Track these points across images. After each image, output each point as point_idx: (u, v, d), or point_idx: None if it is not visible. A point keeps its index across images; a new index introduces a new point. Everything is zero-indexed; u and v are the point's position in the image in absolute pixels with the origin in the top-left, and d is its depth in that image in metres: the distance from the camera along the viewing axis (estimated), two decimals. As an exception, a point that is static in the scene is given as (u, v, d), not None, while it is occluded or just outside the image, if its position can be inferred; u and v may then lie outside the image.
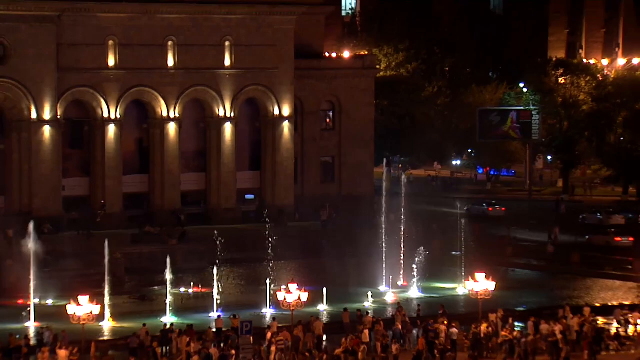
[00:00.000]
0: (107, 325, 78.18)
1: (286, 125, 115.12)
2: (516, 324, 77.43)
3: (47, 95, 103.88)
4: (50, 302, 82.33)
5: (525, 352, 72.30)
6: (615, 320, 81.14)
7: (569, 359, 71.52)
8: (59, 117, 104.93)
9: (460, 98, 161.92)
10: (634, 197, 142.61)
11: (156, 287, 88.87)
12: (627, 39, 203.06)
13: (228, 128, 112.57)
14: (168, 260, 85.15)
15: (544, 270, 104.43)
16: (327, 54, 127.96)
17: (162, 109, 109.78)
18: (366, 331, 73.98)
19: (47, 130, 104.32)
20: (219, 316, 78.84)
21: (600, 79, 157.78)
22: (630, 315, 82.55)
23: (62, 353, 67.41)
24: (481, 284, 79.76)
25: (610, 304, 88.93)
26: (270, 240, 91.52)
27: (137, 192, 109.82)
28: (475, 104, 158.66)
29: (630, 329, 79.05)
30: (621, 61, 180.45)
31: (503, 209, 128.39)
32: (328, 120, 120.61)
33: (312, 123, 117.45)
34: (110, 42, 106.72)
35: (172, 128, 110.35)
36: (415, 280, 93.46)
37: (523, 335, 74.69)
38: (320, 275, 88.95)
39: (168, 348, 72.08)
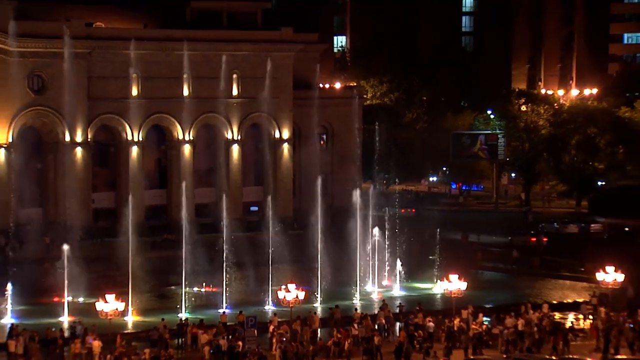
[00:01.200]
0: (131, 319, 78.54)
1: (286, 146, 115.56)
2: (484, 318, 77.79)
3: (79, 121, 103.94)
4: (81, 299, 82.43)
5: (507, 342, 72.75)
6: (581, 314, 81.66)
7: (531, 348, 71.86)
8: (89, 140, 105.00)
9: (436, 123, 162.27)
10: (585, 209, 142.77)
11: (173, 287, 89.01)
12: (579, 73, 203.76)
13: (235, 149, 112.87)
14: (183, 263, 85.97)
15: (509, 272, 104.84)
16: (320, 85, 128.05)
17: (179, 133, 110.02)
18: (355, 325, 74.50)
19: (78, 151, 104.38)
20: (224, 312, 79.24)
21: (557, 107, 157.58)
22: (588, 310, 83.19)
23: (96, 344, 67.52)
24: (454, 284, 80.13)
25: (565, 301, 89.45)
26: (272, 246, 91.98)
27: (156, 204, 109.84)
28: (449, 129, 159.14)
29: (582, 323, 79.67)
30: (575, 92, 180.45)
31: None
32: (322, 142, 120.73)
33: (308, 145, 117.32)
34: (134, 75, 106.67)
35: (187, 149, 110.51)
36: (397, 280, 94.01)
37: (495, 328, 75.26)
38: (315, 276, 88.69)
39: (183, 340, 72.57)
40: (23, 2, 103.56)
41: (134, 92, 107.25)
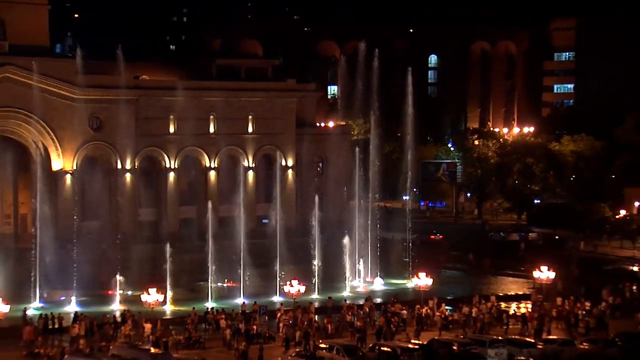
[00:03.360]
0: (168, 308, 78.86)
1: (290, 172, 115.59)
2: (447, 307, 78.16)
3: (128, 153, 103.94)
4: (129, 292, 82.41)
5: (482, 324, 72.91)
6: (531, 302, 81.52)
7: (483, 329, 72.05)
8: (136, 167, 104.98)
9: (409, 154, 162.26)
10: (524, 221, 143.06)
11: (201, 282, 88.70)
12: (519, 115, 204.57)
13: (250, 174, 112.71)
14: (209, 264, 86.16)
15: (465, 271, 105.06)
16: (317, 124, 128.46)
17: (206, 162, 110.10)
18: (349, 313, 74.63)
19: (128, 176, 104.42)
20: (243, 302, 79.45)
21: (502, 141, 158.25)
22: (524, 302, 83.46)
23: (148, 326, 67.79)
24: (423, 280, 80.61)
25: (509, 294, 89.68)
26: (279, 250, 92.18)
27: (188, 217, 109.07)
28: (419, 158, 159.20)
29: (521, 310, 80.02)
30: (516, 129, 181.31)
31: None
32: (318, 168, 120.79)
33: (308, 171, 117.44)
34: (171, 117, 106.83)
35: (212, 174, 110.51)
36: (378, 276, 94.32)
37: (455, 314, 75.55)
38: (313, 273, 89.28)
39: (209, 324, 72.65)
40: (86, 60, 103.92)
41: (171, 129, 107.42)
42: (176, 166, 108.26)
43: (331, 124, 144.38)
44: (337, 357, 60.15)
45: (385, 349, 62.15)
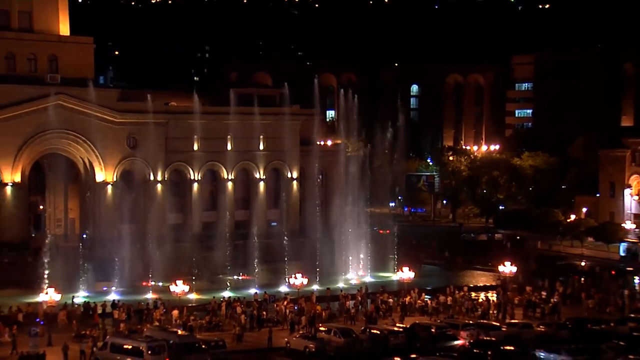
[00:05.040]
0: (193, 297, 78.55)
1: (295, 183, 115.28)
2: (426, 296, 78.23)
3: (159, 167, 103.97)
4: (160, 283, 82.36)
5: (467, 309, 72.73)
6: (497, 291, 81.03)
7: (453, 316, 71.98)
8: (165, 179, 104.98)
9: (395, 168, 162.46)
10: (491, 224, 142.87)
11: (220, 275, 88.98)
12: (487, 135, 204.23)
13: (261, 185, 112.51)
14: (227, 260, 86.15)
15: (441, 266, 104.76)
16: (318, 142, 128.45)
17: (224, 174, 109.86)
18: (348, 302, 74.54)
19: (159, 186, 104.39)
20: (256, 292, 79.50)
21: (472, 157, 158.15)
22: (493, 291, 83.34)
23: (175, 312, 67.83)
24: (406, 274, 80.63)
25: (478, 285, 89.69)
26: (285, 248, 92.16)
27: (209, 221, 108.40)
28: (403, 172, 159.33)
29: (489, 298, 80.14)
30: (484, 147, 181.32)
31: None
32: (318, 180, 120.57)
33: (310, 182, 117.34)
34: (195, 136, 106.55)
35: (229, 185, 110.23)
36: (369, 271, 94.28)
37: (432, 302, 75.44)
38: (314, 267, 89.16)
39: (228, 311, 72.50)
40: (124, 89, 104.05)
41: (195, 147, 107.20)
42: (199, 178, 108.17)
43: (329, 143, 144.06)
44: (335, 338, 60.19)
45: (375, 331, 62.44)
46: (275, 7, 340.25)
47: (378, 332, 62.01)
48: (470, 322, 67.11)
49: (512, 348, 57.81)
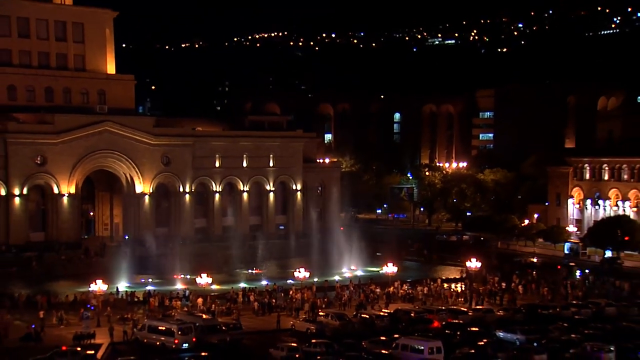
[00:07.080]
0: (214, 287, 78.18)
1: (299, 194, 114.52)
2: (407, 287, 77.91)
3: (187, 180, 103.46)
4: (188, 276, 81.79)
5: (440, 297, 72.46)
6: (464, 283, 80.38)
7: (432, 305, 71.67)
8: (193, 190, 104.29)
9: (381, 181, 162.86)
10: (460, 228, 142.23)
11: (237, 269, 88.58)
12: (456, 154, 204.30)
13: (271, 195, 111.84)
14: (242, 256, 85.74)
15: (419, 262, 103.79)
16: (317, 160, 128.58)
17: (240, 186, 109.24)
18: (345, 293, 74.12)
19: (187, 197, 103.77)
20: (267, 284, 79.29)
21: (444, 173, 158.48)
22: (461, 284, 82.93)
23: (200, 300, 67.59)
24: (390, 268, 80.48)
25: (450, 277, 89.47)
26: (291, 247, 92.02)
27: (228, 225, 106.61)
28: (388, 184, 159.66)
29: (459, 288, 79.87)
30: (454, 164, 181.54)
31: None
32: (318, 191, 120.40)
33: (311, 193, 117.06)
34: (217, 155, 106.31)
35: (245, 195, 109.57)
36: (360, 265, 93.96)
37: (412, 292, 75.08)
38: (314, 263, 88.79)
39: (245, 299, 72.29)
40: (159, 117, 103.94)
41: (217, 164, 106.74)
42: (220, 189, 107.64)
43: (327, 160, 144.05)
44: (331, 321, 60.26)
45: (364, 315, 62.62)
46: (283, 50, 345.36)
47: (367, 316, 62.18)
48: (443, 307, 67.06)
49: (477, 329, 57.84)
